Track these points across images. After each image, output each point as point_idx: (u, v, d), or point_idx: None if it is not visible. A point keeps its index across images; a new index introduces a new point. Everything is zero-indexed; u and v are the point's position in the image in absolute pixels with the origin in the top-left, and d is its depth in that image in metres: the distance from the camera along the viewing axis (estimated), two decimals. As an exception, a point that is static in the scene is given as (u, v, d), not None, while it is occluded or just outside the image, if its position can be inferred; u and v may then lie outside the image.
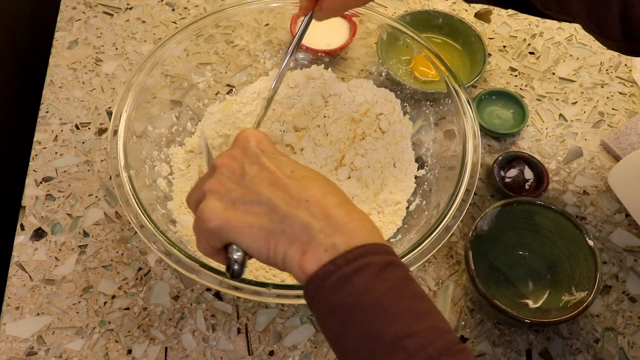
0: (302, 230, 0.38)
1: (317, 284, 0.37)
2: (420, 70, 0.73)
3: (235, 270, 0.40)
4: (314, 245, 0.38)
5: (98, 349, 0.58)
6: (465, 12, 0.86)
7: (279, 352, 0.58)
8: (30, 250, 0.63)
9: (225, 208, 0.40)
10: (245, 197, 0.40)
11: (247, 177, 0.41)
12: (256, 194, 0.40)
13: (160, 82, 0.65)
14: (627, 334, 0.60)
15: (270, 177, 0.40)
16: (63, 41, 0.80)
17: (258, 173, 0.41)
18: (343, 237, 0.38)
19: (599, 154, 0.73)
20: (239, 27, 0.73)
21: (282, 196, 0.39)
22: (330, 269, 0.36)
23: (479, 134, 0.59)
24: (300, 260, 0.38)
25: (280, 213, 0.39)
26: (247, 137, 0.44)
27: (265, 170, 0.41)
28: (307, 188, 0.40)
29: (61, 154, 0.70)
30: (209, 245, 0.42)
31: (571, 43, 0.83)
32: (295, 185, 0.40)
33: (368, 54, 0.74)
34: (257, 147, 0.43)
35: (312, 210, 0.39)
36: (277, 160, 0.42)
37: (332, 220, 0.38)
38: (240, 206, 0.40)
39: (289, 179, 0.40)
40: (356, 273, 0.36)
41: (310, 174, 0.42)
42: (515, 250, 0.63)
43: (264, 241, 0.39)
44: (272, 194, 0.39)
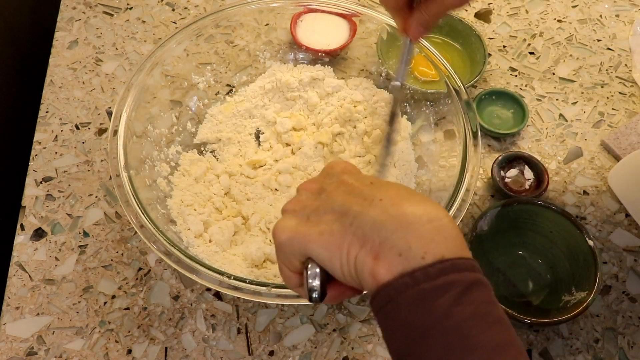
0: (372, 230, 0.34)
1: (391, 295, 0.33)
2: (420, 70, 0.73)
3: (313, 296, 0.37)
4: (386, 248, 0.34)
5: (98, 349, 0.58)
6: (465, 12, 0.86)
7: (279, 352, 0.58)
8: (30, 250, 0.63)
9: (298, 222, 0.38)
10: (319, 209, 0.38)
11: (325, 193, 0.39)
12: (330, 203, 0.38)
13: (160, 82, 0.65)
14: (627, 334, 0.60)
15: (347, 188, 0.38)
16: (63, 41, 0.80)
17: (336, 188, 0.39)
18: (420, 241, 0.34)
19: (599, 154, 0.73)
20: (239, 27, 0.73)
21: (355, 200, 0.37)
22: (407, 282, 0.33)
23: (479, 134, 0.59)
24: (373, 265, 0.34)
25: (352, 215, 0.36)
26: (333, 165, 0.42)
27: (344, 184, 0.39)
28: (384, 190, 0.37)
29: (61, 154, 0.70)
30: (289, 269, 0.39)
31: (571, 43, 0.83)
32: (372, 188, 0.37)
33: (368, 54, 0.74)
34: (341, 171, 0.41)
35: (386, 207, 0.35)
36: (359, 176, 0.40)
37: (407, 219, 0.34)
38: (313, 218, 0.38)
39: (366, 187, 0.38)
40: (437, 292, 0.32)
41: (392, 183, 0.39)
42: (515, 250, 0.63)
43: (335, 247, 0.36)
44: (345, 200, 0.37)
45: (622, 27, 0.85)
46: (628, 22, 0.85)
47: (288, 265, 0.39)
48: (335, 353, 0.58)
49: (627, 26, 0.85)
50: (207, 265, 0.51)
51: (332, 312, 0.60)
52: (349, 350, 0.58)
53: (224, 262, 0.58)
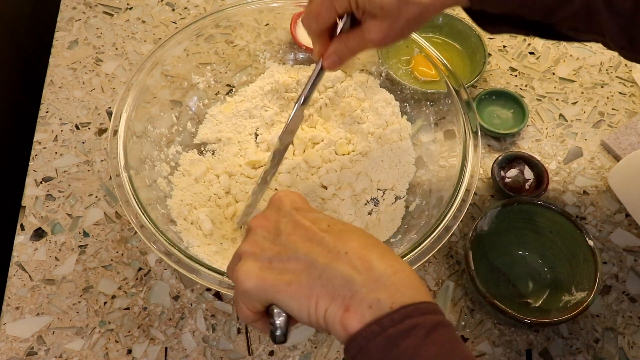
0: (343, 285, 0.36)
1: (361, 344, 0.35)
2: (420, 70, 0.73)
3: (277, 336, 0.38)
4: (356, 301, 0.35)
5: (98, 349, 0.58)
6: (465, 12, 0.85)
7: (279, 352, 0.58)
8: (30, 250, 0.63)
9: (261, 268, 0.38)
10: (281, 255, 0.38)
11: (283, 235, 0.39)
12: (293, 250, 0.38)
13: (160, 82, 0.65)
14: (627, 334, 0.60)
15: (306, 233, 0.39)
16: (63, 41, 0.80)
17: (293, 230, 0.39)
18: (387, 292, 0.35)
19: (599, 154, 0.73)
20: (239, 27, 0.73)
21: (319, 250, 0.38)
22: (375, 330, 0.34)
23: (479, 134, 0.59)
24: (343, 318, 0.35)
25: (319, 267, 0.37)
26: (281, 198, 0.42)
27: (301, 227, 0.39)
28: (346, 240, 0.38)
29: (61, 154, 0.70)
30: (249, 310, 0.40)
31: (571, 43, 0.83)
32: (333, 238, 0.38)
33: (368, 54, 0.74)
34: (291, 207, 0.41)
35: (353, 262, 0.37)
36: (313, 216, 0.41)
37: (374, 273, 0.36)
38: (277, 264, 0.38)
39: (325, 233, 0.38)
40: (403, 335, 0.34)
41: (347, 227, 0.40)
42: (515, 250, 0.63)
43: (304, 298, 0.37)
44: (309, 249, 0.38)
45: (622, 27, 0.85)
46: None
47: (249, 307, 0.39)
48: (335, 353, 0.58)
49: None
50: (207, 265, 0.51)
51: (332, 312, 0.60)
52: (349, 350, 0.58)
53: (224, 262, 0.58)
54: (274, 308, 0.38)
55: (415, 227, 0.60)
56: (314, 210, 0.42)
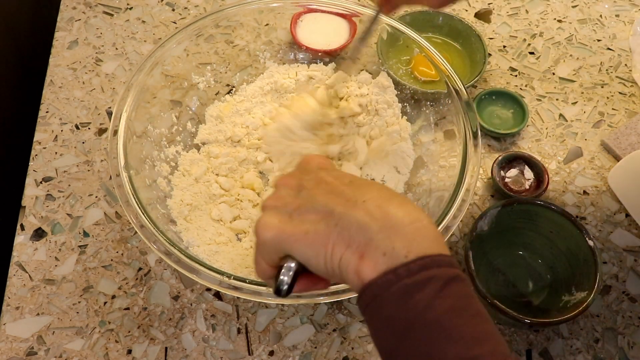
0: (358, 231, 0.36)
1: (375, 292, 0.35)
2: (420, 70, 0.73)
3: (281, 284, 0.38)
4: (371, 248, 0.35)
5: (98, 349, 0.58)
6: (465, 12, 0.86)
7: (279, 352, 0.58)
8: (30, 250, 0.63)
9: (281, 220, 0.39)
10: (302, 208, 0.39)
11: (305, 191, 0.40)
12: (312, 202, 0.39)
13: (160, 82, 0.65)
14: (627, 334, 0.60)
15: (327, 187, 0.39)
16: (63, 41, 0.80)
17: (316, 185, 0.40)
18: (403, 241, 0.35)
19: (599, 154, 0.73)
20: (239, 27, 0.73)
21: (338, 200, 0.38)
22: (391, 279, 0.34)
23: (479, 134, 0.59)
24: (358, 265, 0.35)
25: (336, 216, 0.37)
26: (308, 160, 0.43)
27: (323, 183, 0.40)
28: (365, 191, 0.38)
29: (61, 154, 0.70)
30: (267, 263, 0.40)
31: (571, 43, 0.83)
32: (353, 189, 0.38)
33: (368, 54, 0.74)
34: (317, 167, 0.42)
35: (370, 210, 0.37)
36: (336, 173, 0.41)
37: (391, 220, 0.36)
38: (296, 217, 0.38)
39: (346, 186, 0.39)
40: (418, 287, 0.34)
41: (370, 182, 0.41)
42: (515, 250, 0.63)
43: (320, 246, 0.37)
44: (328, 200, 0.38)
45: (622, 27, 0.85)
46: (628, 22, 0.85)
47: (267, 260, 0.40)
48: (335, 353, 0.58)
49: (627, 26, 0.85)
50: (207, 265, 0.51)
51: (332, 312, 0.60)
52: (349, 350, 0.58)
53: (224, 262, 0.58)
54: (287, 259, 0.38)
55: (415, 227, 0.59)
56: (338, 170, 0.43)
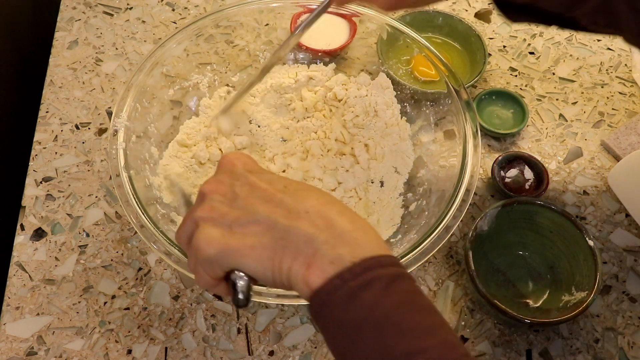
0: (305, 243, 0.36)
1: (323, 299, 0.35)
2: (420, 70, 0.73)
3: (240, 299, 0.38)
4: (318, 258, 0.36)
5: (98, 349, 0.58)
6: (465, 12, 0.86)
7: (279, 352, 0.58)
8: (30, 250, 0.63)
9: (222, 234, 0.38)
10: (241, 219, 0.38)
11: (240, 199, 0.39)
12: (252, 213, 0.38)
13: (160, 82, 0.65)
14: (627, 334, 0.60)
15: (263, 195, 0.39)
16: (63, 41, 0.80)
17: (250, 193, 0.39)
18: (348, 247, 0.36)
19: (599, 154, 0.73)
20: (239, 27, 0.73)
21: (279, 211, 0.38)
22: (337, 284, 0.35)
23: (479, 134, 0.59)
24: (305, 275, 0.36)
25: (281, 228, 0.37)
26: (232, 160, 0.42)
27: (257, 189, 0.39)
28: (304, 199, 0.38)
29: (61, 154, 0.70)
30: (210, 277, 0.39)
31: (571, 43, 0.83)
32: (291, 198, 0.38)
33: (368, 54, 0.74)
34: (243, 169, 0.41)
35: (314, 221, 0.37)
36: (267, 177, 0.40)
37: (335, 230, 0.37)
38: (237, 229, 0.38)
39: (283, 194, 0.38)
40: (364, 287, 0.34)
41: (303, 186, 0.40)
42: (515, 250, 0.63)
43: (267, 260, 0.37)
44: (269, 211, 0.38)
45: (622, 27, 0.85)
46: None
47: (210, 274, 0.39)
48: (335, 353, 0.58)
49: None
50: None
51: (332, 312, 0.60)
52: (349, 350, 0.58)
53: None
54: (235, 272, 0.38)
55: (415, 227, 0.60)
56: (267, 172, 0.42)
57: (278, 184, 0.40)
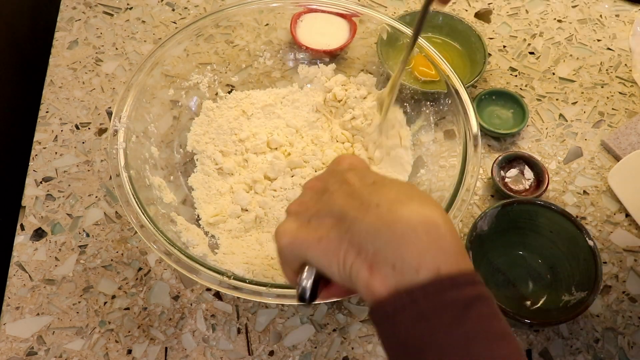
0: (367, 239, 0.33)
1: (388, 312, 0.32)
2: (420, 70, 0.73)
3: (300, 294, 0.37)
4: (380, 259, 0.33)
5: (98, 349, 0.58)
6: (465, 12, 0.86)
7: (279, 352, 0.58)
8: (30, 250, 0.63)
9: (299, 226, 0.37)
10: (320, 212, 0.37)
11: (327, 193, 0.38)
12: (330, 206, 0.37)
13: (160, 82, 0.65)
14: (627, 334, 0.60)
15: (349, 189, 0.37)
16: (63, 41, 0.80)
17: (338, 188, 0.38)
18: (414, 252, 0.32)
19: (599, 154, 0.73)
20: (239, 27, 0.73)
21: (353, 204, 0.35)
22: (405, 302, 0.32)
23: (479, 134, 0.59)
24: (367, 277, 0.33)
25: (349, 220, 0.35)
26: (339, 160, 0.41)
27: (346, 184, 0.37)
28: (382, 192, 0.35)
29: (61, 154, 0.70)
30: (289, 269, 0.39)
31: (571, 43, 0.83)
32: (372, 190, 0.36)
33: (368, 54, 0.74)
34: (346, 167, 0.40)
35: (382, 215, 0.34)
36: (364, 172, 0.38)
37: (402, 227, 0.33)
38: (314, 222, 0.37)
39: (366, 187, 0.36)
40: (436, 312, 0.31)
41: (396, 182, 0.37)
42: (515, 250, 0.63)
43: (332, 254, 0.35)
44: (344, 204, 0.36)
45: (622, 27, 0.85)
46: (628, 22, 0.85)
47: (290, 266, 0.39)
48: (335, 353, 0.58)
49: (627, 26, 0.85)
50: (207, 265, 0.51)
51: (332, 312, 0.60)
52: (349, 350, 0.58)
53: (224, 262, 0.58)
54: (305, 268, 0.37)
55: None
56: (371, 171, 0.40)
57: (368, 179, 0.37)
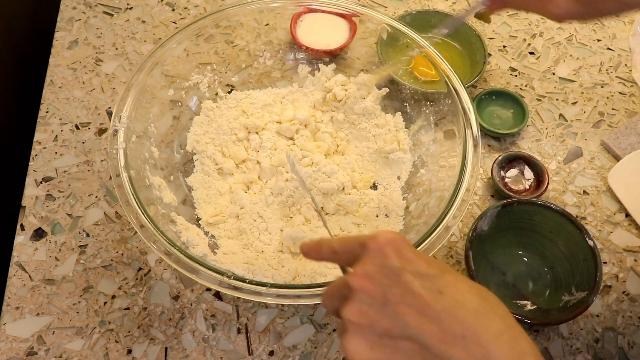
0: None
1: None
2: (420, 70, 0.73)
3: None
4: None
5: (98, 349, 0.58)
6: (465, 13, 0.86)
7: (279, 352, 0.58)
8: (30, 250, 0.63)
9: (371, 347, 0.36)
10: (392, 331, 0.36)
11: (391, 304, 0.36)
12: (403, 326, 0.35)
13: (160, 82, 0.65)
14: (627, 334, 0.60)
15: (416, 303, 0.35)
16: (63, 41, 0.80)
17: (402, 298, 0.36)
18: None
19: (599, 154, 0.73)
20: (239, 27, 0.73)
21: (433, 330, 0.34)
22: None
23: (479, 134, 0.59)
24: None
25: (434, 353, 0.34)
26: (383, 248, 0.37)
27: (410, 294, 0.36)
28: (462, 317, 0.34)
29: (61, 154, 0.70)
30: None
31: (571, 43, 0.83)
32: (448, 314, 0.34)
33: (368, 54, 0.74)
34: (397, 261, 0.37)
35: (470, 349, 0.33)
36: (422, 276, 0.36)
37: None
38: (387, 342, 0.36)
39: (438, 303, 0.35)
40: None
41: (462, 290, 0.36)
42: (515, 250, 0.63)
43: None
44: (422, 328, 0.35)
45: (622, 27, 0.85)
46: (628, 22, 0.85)
47: None
48: (335, 353, 0.58)
49: (627, 26, 0.85)
50: (207, 265, 0.51)
51: (332, 312, 0.60)
52: (349, 350, 0.58)
53: (224, 261, 0.58)
54: None
55: (415, 227, 0.60)
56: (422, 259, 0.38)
57: (433, 287, 0.36)
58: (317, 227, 0.63)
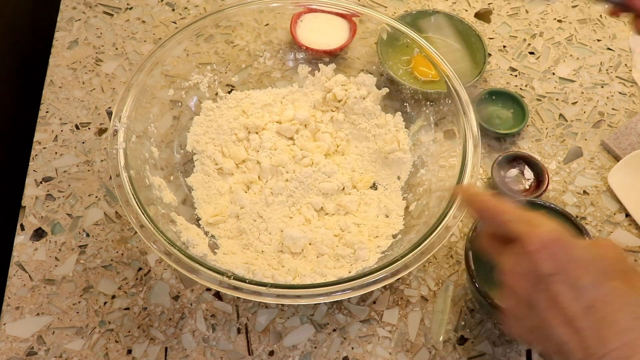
0: None
1: None
2: (420, 70, 0.73)
3: None
4: None
5: (98, 349, 0.58)
6: (465, 12, 0.86)
7: (279, 352, 0.58)
8: (30, 250, 0.63)
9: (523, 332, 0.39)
10: (535, 332, 0.38)
11: (536, 310, 0.37)
12: (547, 332, 0.36)
13: (160, 82, 0.65)
14: (627, 334, 0.60)
15: (563, 315, 0.36)
16: (63, 41, 0.80)
17: (549, 307, 0.36)
18: None
19: (599, 154, 0.73)
20: (239, 27, 0.73)
21: (576, 342, 0.35)
22: None
23: (479, 134, 0.59)
24: None
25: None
26: (538, 251, 0.37)
27: (558, 304, 0.36)
28: (606, 338, 0.34)
29: (61, 154, 0.70)
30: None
31: (571, 43, 0.83)
32: (592, 332, 0.34)
33: (368, 54, 0.74)
34: (550, 267, 0.36)
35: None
36: (575, 287, 0.36)
37: None
38: (536, 332, 0.38)
39: (585, 320, 0.35)
40: None
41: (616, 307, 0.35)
42: (515, 250, 0.63)
43: None
44: (564, 337, 0.35)
45: (622, 27, 0.85)
46: (628, 22, 0.85)
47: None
48: (335, 353, 0.58)
49: (627, 26, 0.85)
50: (207, 265, 0.51)
51: (332, 312, 0.60)
52: (349, 350, 0.58)
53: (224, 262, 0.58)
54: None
55: (415, 227, 0.60)
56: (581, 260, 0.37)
57: (585, 300, 0.35)
58: (317, 227, 0.63)
